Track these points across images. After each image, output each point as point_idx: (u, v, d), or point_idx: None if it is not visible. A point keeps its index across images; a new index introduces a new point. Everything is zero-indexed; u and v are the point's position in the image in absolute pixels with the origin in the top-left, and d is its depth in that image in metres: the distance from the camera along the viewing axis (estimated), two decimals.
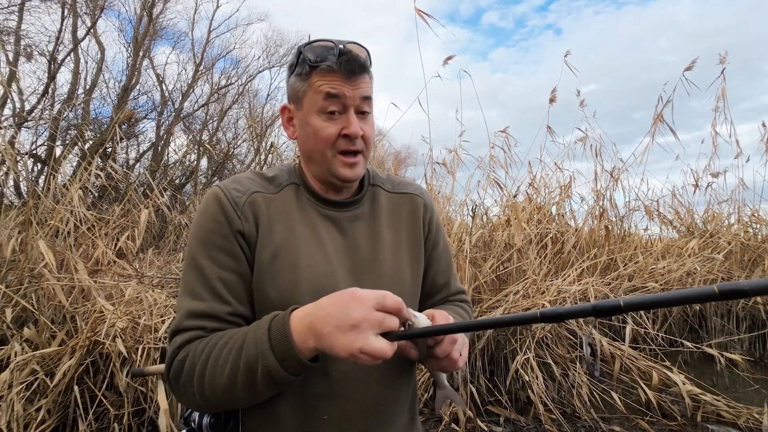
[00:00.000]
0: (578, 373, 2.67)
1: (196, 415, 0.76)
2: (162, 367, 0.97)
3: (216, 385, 0.65)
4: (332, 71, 0.75)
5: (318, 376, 0.74)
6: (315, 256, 0.77)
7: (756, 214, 4.71)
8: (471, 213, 3.64)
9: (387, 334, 0.59)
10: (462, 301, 0.97)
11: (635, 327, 3.04)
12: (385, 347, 0.58)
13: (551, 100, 4.12)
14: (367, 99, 0.78)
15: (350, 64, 0.74)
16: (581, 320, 2.88)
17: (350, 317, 0.58)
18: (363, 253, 0.82)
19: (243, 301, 0.74)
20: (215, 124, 12.84)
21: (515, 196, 3.99)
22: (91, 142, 8.44)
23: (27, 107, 8.90)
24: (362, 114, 0.79)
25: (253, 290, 0.75)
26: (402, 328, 0.63)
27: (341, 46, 0.75)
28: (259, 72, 14.31)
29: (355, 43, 0.79)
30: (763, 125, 4.75)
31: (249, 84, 13.98)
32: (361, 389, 0.76)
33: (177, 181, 9.99)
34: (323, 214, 0.82)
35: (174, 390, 0.71)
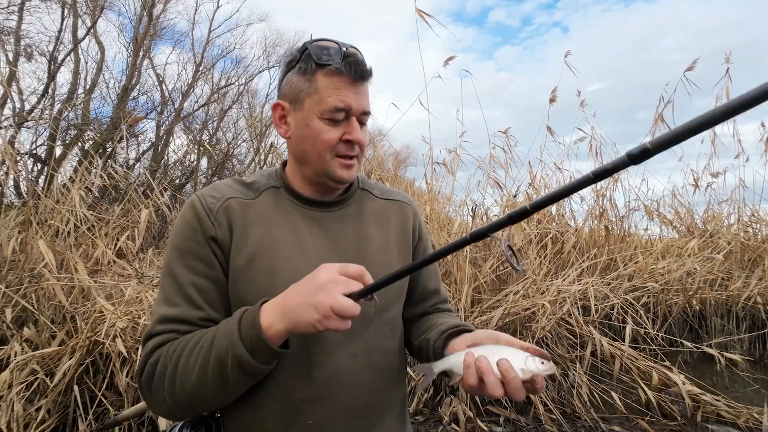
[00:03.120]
0: (578, 373, 2.67)
1: (176, 428, 0.76)
2: (139, 406, 0.94)
3: (187, 384, 0.65)
4: (339, 73, 0.74)
5: (302, 380, 0.74)
6: (295, 258, 0.77)
7: (756, 214, 4.71)
8: (471, 213, 3.64)
9: (351, 295, 0.63)
10: (450, 310, 0.98)
11: (635, 327, 3.04)
12: (353, 305, 0.61)
13: (551, 100, 4.12)
14: (367, 114, 0.80)
15: (357, 67, 0.75)
16: (581, 320, 2.88)
17: (318, 281, 0.62)
18: (349, 254, 0.82)
19: (217, 307, 0.75)
20: (215, 124, 12.83)
21: (515, 196, 3.99)
22: (91, 141, 8.44)
23: (27, 107, 8.90)
24: (361, 123, 0.80)
25: (229, 295, 0.75)
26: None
27: (345, 48, 0.76)
28: (259, 72, 14.33)
29: (355, 48, 0.80)
30: (763, 125, 4.75)
31: (249, 84, 13.99)
32: (346, 393, 0.76)
33: (177, 181, 9.98)
34: (306, 215, 0.82)
35: (146, 396, 0.71)
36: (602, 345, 2.74)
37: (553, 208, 4.14)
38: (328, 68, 0.74)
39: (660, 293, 3.51)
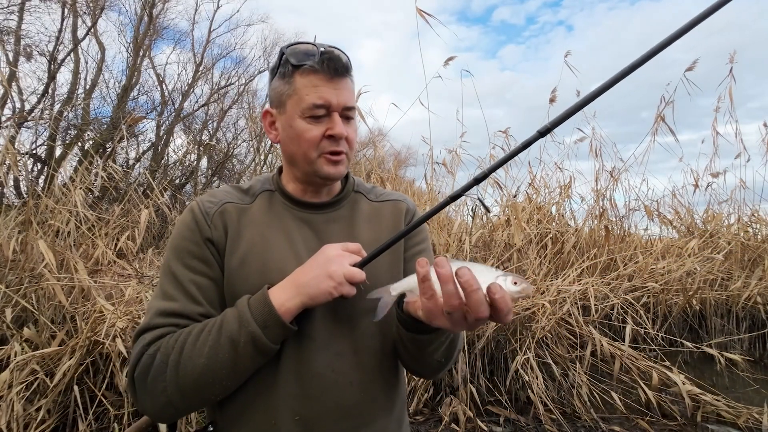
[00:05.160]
0: (578, 373, 2.67)
1: None
2: (139, 423, 0.91)
3: (194, 369, 0.67)
4: (315, 71, 0.77)
5: (290, 376, 0.75)
6: (287, 259, 0.79)
7: (756, 214, 4.71)
8: (471, 213, 3.64)
9: (354, 265, 0.73)
10: None
11: (635, 327, 3.04)
12: (360, 271, 0.71)
13: (551, 101, 4.12)
14: (351, 109, 0.80)
15: (333, 63, 0.77)
16: (581, 320, 2.88)
17: (327, 255, 0.72)
18: None
19: (214, 305, 0.76)
20: (215, 124, 12.84)
21: (515, 196, 3.99)
22: (91, 141, 8.45)
23: (27, 107, 8.90)
24: (346, 118, 0.81)
25: (225, 295, 0.77)
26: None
27: (322, 48, 0.78)
28: (260, 72, 14.33)
29: (336, 48, 0.81)
30: (765, 125, 4.75)
31: (249, 84, 13.99)
32: (334, 391, 0.76)
33: (177, 181, 9.98)
34: (298, 216, 0.84)
35: (139, 391, 0.70)
36: (602, 345, 2.74)
37: (553, 208, 4.14)
38: (304, 68, 0.77)
39: (660, 293, 3.51)
